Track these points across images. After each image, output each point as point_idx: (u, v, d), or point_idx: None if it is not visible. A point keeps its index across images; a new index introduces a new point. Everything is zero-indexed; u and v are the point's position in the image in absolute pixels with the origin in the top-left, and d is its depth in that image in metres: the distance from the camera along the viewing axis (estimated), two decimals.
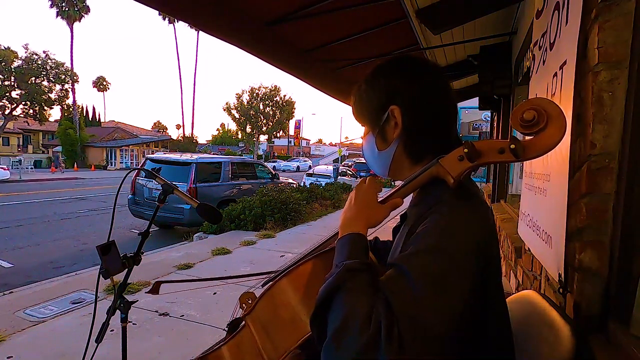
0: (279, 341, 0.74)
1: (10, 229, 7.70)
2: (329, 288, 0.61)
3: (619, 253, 0.89)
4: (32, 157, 33.57)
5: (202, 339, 2.75)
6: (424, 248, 0.61)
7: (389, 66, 0.80)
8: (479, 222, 0.66)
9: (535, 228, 1.42)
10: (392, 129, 0.76)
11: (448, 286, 0.58)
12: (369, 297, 0.58)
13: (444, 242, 0.61)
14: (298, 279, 0.76)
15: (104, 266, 1.27)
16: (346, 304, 0.58)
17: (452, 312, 0.56)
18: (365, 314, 0.55)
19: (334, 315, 0.58)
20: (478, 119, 11.99)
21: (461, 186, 0.69)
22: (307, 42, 3.13)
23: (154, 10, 2.29)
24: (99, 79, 52.50)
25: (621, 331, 0.86)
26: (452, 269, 0.59)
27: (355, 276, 0.61)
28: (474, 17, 2.54)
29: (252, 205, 7.29)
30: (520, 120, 0.61)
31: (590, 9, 0.94)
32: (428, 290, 0.56)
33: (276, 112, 41.88)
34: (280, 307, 0.76)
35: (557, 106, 0.60)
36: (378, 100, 0.78)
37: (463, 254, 0.61)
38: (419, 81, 0.76)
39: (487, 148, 0.64)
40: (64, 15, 34.51)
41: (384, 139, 0.78)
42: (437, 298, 0.56)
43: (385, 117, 0.76)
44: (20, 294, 3.69)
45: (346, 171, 18.39)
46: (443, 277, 0.58)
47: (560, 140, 0.60)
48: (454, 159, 0.66)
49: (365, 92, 0.81)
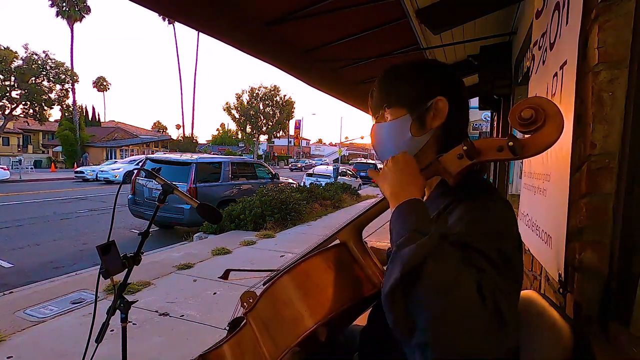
0: (280, 338, 0.73)
1: (10, 229, 7.70)
2: (419, 253, 0.52)
3: (619, 253, 0.89)
4: (32, 157, 33.56)
5: (202, 339, 2.75)
6: (481, 227, 0.60)
7: (435, 63, 0.87)
8: (513, 216, 0.67)
9: (535, 228, 1.42)
10: (432, 118, 0.77)
11: (514, 262, 0.59)
12: (471, 272, 0.52)
13: (499, 225, 0.62)
14: (299, 276, 0.75)
15: (104, 266, 1.27)
16: (447, 278, 0.50)
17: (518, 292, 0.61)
18: (475, 293, 0.49)
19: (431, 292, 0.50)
20: (478, 119, 12.00)
21: (483, 184, 0.72)
22: (307, 42, 3.13)
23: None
24: (99, 79, 52.49)
25: (621, 331, 0.86)
26: (513, 244, 0.61)
27: (447, 244, 0.54)
28: (474, 17, 2.54)
29: (252, 205, 7.29)
30: (518, 118, 0.62)
31: (590, 9, 0.94)
32: (505, 267, 0.56)
33: (276, 112, 41.86)
34: (282, 305, 0.75)
35: (554, 105, 0.61)
36: (424, 87, 0.79)
37: (515, 231, 0.64)
38: (460, 84, 0.83)
39: (486, 146, 0.65)
40: (64, 15, 34.47)
41: (420, 125, 0.78)
42: (511, 275, 0.57)
43: (428, 105, 0.77)
44: (20, 294, 3.69)
45: (346, 171, 18.38)
46: (509, 253, 0.59)
47: (557, 139, 0.60)
48: (453, 157, 0.66)
49: (409, 76, 0.81)
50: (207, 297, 3.66)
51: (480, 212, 0.63)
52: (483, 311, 0.48)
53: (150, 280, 4.03)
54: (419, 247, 0.53)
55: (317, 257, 0.76)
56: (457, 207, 0.64)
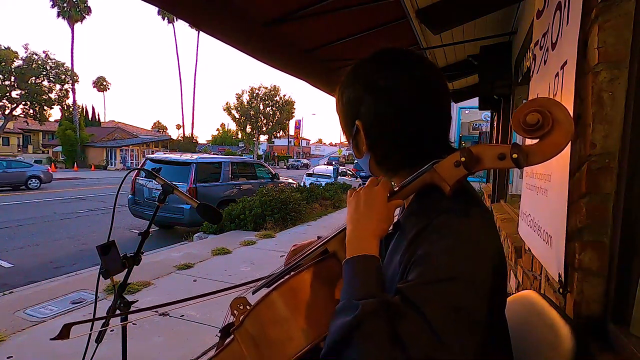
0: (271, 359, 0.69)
1: (10, 229, 7.70)
2: (344, 330, 0.54)
3: (619, 253, 0.89)
4: (32, 157, 33.55)
5: (202, 339, 2.75)
6: (434, 276, 0.54)
7: (360, 67, 0.72)
8: (490, 233, 0.61)
9: (536, 228, 1.42)
10: (362, 142, 0.70)
11: (468, 319, 0.53)
12: (388, 347, 0.51)
13: (458, 267, 0.54)
14: (288, 294, 0.69)
15: (104, 266, 1.27)
16: (362, 355, 0.52)
17: (473, 346, 0.52)
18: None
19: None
20: (478, 119, 12.01)
21: (462, 190, 0.64)
22: (307, 43, 3.13)
23: (153, 10, 2.29)
24: (99, 79, 52.51)
25: (621, 331, 0.86)
26: (471, 297, 0.53)
27: (372, 321, 0.53)
28: (474, 17, 2.54)
29: (252, 205, 7.29)
30: (522, 123, 0.55)
31: (590, 9, 0.94)
32: (448, 330, 0.51)
33: (276, 112, 41.88)
34: (271, 324, 0.70)
35: (563, 108, 0.55)
36: (347, 110, 0.72)
37: (481, 277, 0.55)
38: (380, 88, 0.67)
39: (485, 154, 0.59)
40: (65, 16, 34.51)
41: (357, 149, 0.72)
42: (458, 336, 0.51)
43: (355, 129, 0.70)
44: (20, 294, 3.69)
45: (346, 171, 18.39)
46: (462, 309, 0.52)
47: (566, 145, 0.55)
48: (450, 165, 0.61)
49: (340, 100, 0.74)
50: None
51: (442, 252, 0.56)
52: None
53: (150, 280, 4.03)
54: (345, 324, 0.54)
55: (306, 272, 0.71)
56: (425, 240, 0.59)
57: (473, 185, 0.75)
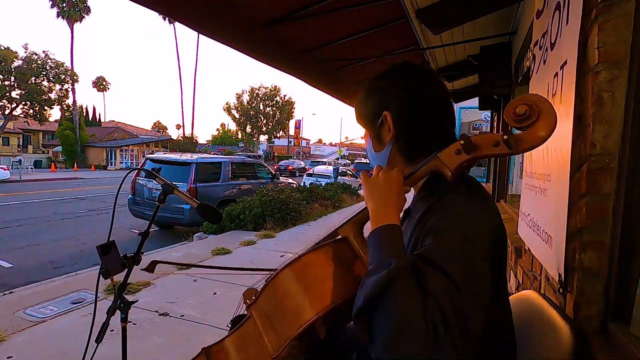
0: (282, 329, 0.75)
1: (10, 229, 7.70)
2: (380, 285, 0.61)
3: (619, 253, 0.89)
4: (32, 157, 33.57)
5: (202, 339, 2.75)
6: (449, 238, 0.63)
7: (384, 74, 0.85)
8: (490, 211, 0.70)
9: (536, 228, 1.42)
10: (387, 133, 0.81)
11: (477, 273, 0.62)
12: (420, 299, 0.58)
13: (466, 230, 0.64)
14: (300, 269, 0.77)
15: (104, 266, 1.27)
16: (401, 304, 0.58)
17: (484, 303, 0.61)
18: (420, 313, 0.57)
19: (385, 317, 0.59)
20: (478, 119, 11.98)
21: (464, 179, 0.72)
22: (306, 43, 3.13)
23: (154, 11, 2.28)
24: (99, 79, 52.44)
25: (621, 331, 0.86)
26: (480, 254, 0.63)
27: (406, 275, 0.61)
28: (474, 17, 2.54)
29: (252, 205, 7.29)
30: (513, 114, 0.64)
31: (590, 9, 0.94)
32: (465, 283, 0.59)
33: (276, 112, 41.87)
34: (283, 297, 0.77)
35: (548, 102, 0.64)
36: (373, 106, 0.83)
37: (486, 239, 0.65)
38: (410, 88, 0.81)
39: (483, 141, 0.68)
40: (64, 16, 34.47)
41: (379, 141, 0.84)
42: (472, 287, 0.60)
43: (380, 121, 0.82)
44: (20, 294, 3.69)
45: (346, 171, 18.38)
46: (473, 264, 0.62)
47: (550, 134, 0.63)
48: (451, 153, 0.69)
49: (364, 99, 0.86)
50: (207, 297, 3.66)
51: (451, 220, 0.66)
52: (422, 334, 0.56)
53: (150, 280, 4.03)
54: (380, 279, 0.61)
55: (317, 250, 0.78)
56: (435, 212, 0.68)
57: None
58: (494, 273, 0.65)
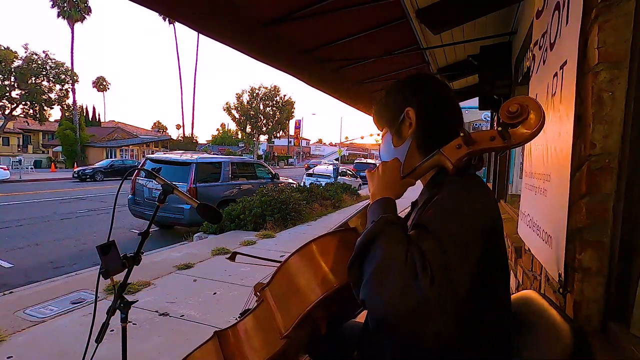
0: (293, 308, 0.82)
1: (10, 229, 7.70)
2: (369, 235, 0.70)
3: (619, 253, 0.89)
4: (32, 157, 33.55)
5: (202, 339, 2.74)
6: (443, 209, 0.71)
7: (402, 80, 0.97)
8: (487, 201, 0.76)
9: (536, 228, 1.42)
10: (407, 128, 0.90)
11: (469, 249, 0.66)
12: (405, 245, 0.66)
13: (461, 206, 0.71)
14: (311, 252, 0.85)
15: (104, 266, 1.27)
16: (385, 248, 0.67)
17: (470, 272, 0.64)
18: (403, 257, 0.64)
19: (373, 257, 0.67)
20: (478, 119, 11.99)
21: (469, 176, 0.79)
22: (306, 43, 3.13)
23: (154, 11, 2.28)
24: (99, 79, 52.44)
25: (621, 331, 0.86)
26: (473, 234, 0.68)
27: (392, 226, 0.70)
28: (474, 17, 2.54)
29: (252, 205, 7.29)
30: (506, 112, 0.73)
31: (590, 9, 0.94)
32: (453, 247, 0.64)
33: (276, 112, 41.83)
34: (294, 277, 0.85)
35: (537, 102, 0.73)
36: (395, 104, 0.93)
37: (484, 222, 0.71)
38: (429, 90, 0.92)
39: (480, 137, 0.76)
40: (65, 16, 34.44)
41: (399, 136, 0.92)
42: (457, 253, 0.64)
43: (401, 118, 0.90)
44: (20, 294, 3.69)
45: (346, 171, 18.38)
46: (461, 234, 0.67)
47: (540, 129, 0.71)
48: (453, 147, 0.77)
49: (386, 99, 0.97)
50: (207, 297, 3.66)
51: (450, 199, 0.73)
52: (403, 272, 0.62)
53: (150, 280, 4.03)
54: (369, 230, 0.71)
55: (327, 236, 0.86)
56: (437, 195, 0.76)
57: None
58: (484, 260, 0.68)
